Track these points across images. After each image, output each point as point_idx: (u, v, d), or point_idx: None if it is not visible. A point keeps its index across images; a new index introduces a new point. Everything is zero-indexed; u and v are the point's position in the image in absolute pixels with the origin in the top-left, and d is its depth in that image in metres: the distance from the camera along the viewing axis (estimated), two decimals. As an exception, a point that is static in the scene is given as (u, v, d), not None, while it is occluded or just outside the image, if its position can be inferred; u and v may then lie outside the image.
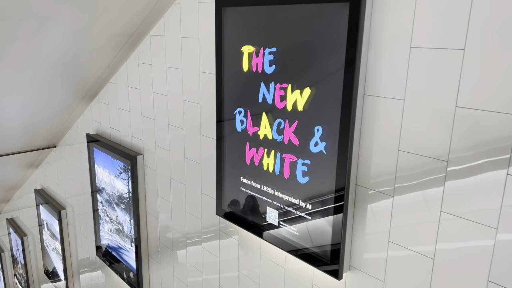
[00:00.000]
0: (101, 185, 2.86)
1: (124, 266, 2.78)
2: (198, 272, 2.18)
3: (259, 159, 1.60)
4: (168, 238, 2.37)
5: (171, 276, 2.41)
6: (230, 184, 1.76)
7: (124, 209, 2.64)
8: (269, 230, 1.62)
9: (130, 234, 2.64)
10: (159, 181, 2.35)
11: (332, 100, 1.29)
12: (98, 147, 2.78)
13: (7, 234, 5.60)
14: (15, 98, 2.54)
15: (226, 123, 1.72)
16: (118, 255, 2.83)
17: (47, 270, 4.41)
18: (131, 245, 2.65)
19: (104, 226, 2.94)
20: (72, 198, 3.52)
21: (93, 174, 2.92)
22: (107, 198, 2.82)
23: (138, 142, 2.46)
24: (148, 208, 2.50)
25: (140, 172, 2.45)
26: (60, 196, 3.77)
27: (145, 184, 2.47)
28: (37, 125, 3.10)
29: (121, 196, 2.63)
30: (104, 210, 2.90)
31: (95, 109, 2.87)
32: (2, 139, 3.14)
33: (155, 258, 2.54)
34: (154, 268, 2.57)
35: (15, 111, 2.72)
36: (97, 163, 2.85)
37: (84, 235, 3.44)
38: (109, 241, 2.92)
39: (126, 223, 2.65)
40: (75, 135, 3.23)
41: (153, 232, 2.51)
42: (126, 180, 2.55)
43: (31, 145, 3.42)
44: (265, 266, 1.75)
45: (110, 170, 2.70)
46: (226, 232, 1.93)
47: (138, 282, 2.64)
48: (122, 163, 2.54)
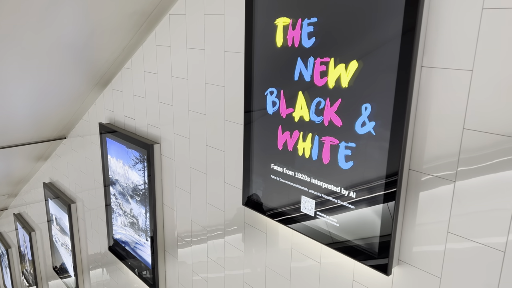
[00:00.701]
0: (114, 176, 2.74)
1: (138, 261, 2.66)
2: (219, 268, 2.05)
3: (293, 143, 1.46)
4: (187, 232, 2.24)
5: (189, 271, 2.28)
6: (259, 172, 1.63)
7: (139, 202, 2.52)
8: (303, 221, 1.48)
9: (145, 228, 2.51)
10: (177, 171, 2.22)
11: (384, 73, 1.15)
12: (111, 136, 2.65)
13: (15, 230, 5.50)
14: (25, 86, 2.42)
15: (256, 106, 1.58)
16: (131, 250, 2.70)
17: (56, 266, 4.31)
18: (146, 239, 2.53)
19: (117, 220, 2.82)
20: (83, 191, 3.40)
21: (106, 166, 2.80)
22: (120, 190, 2.70)
23: (155, 131, 2.33)
24: (165, 200, 2.37)
25: (157, 162, 2.32)
26: (70, 190, 3.65)
27: (162, 174, 2.34)
28: (47, 115, 2.98)
29: (136, 188, 2.51)
30: (117, 203, 2.77)
31: (108, 97, 2.74)
32: (11, 129, 3.02)
33: (171, 252, 2.42)
34: (171, 263, 2.44)
35: (24, 99, 2.60)
36: (110, 154, 2.72)
37: (95, 229, 3.32)
38: (122, 235, 2.80)
39: (141, 216, 2.52)
40: (86, 125, 3.11)
41: (170, 225, 2.38)
42: (141, 171, 2.42)
43: (41, 136, 3.30)
44: (297, 260, 1.62)
45: (124, 161, 2.57)
46: (252, 224, 1.80)
47: (153, 278, 2.51)
48: (138, 153, 2.41)
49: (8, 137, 3.11)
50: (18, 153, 3.60)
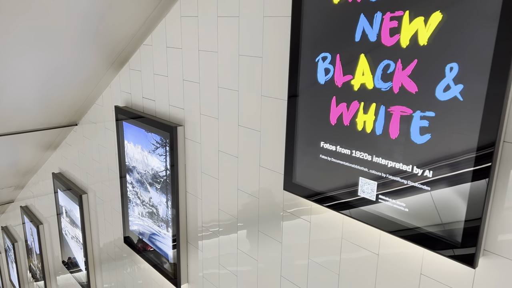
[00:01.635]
0: (131, 164, 2.56)
1: (157, 254, 2.48)
2: (251, 261, 1.86)
3: (350, 117, 1.27)
4: (213, 221, 2.05)
5: (216, 264, 2.10)
6: (305, 152, 1.44)
7: (159, 190, 2.33)
8: (361, 207, 1.29)
9: (166, 218, 2.33)
10: (203, 156, 2.03)
11: (478, 24, 0.95)
12: (128, 120, 2.47)
13: (21, 224, 5.34)
14: (35, 64, 2.23)
15: (303, 76, 1.39)
16: (150, 242, 2.53)
17: (65, 260, 4.14)
18: (167, 230, 2.35)
19: (134, 210, 2.64)
20: (95, 181, 3.22)
21: (122, 152, 2.62)
22: (138, 178, 2.51)
23: (178, 112, 2.15)
24: (189, 188, 2.19)
25: (180, 146, 2.14)
26: (81, 180, 3.47)
27: (186, 159, 2.16)
28: (58, 99, 2.80)
29: (156, 175, 2.32)
30: (134, 192, 2.59)
31: (124, 78, 2.55)
32: (20, 115, 2.84)
33: (195, 244, 2.23)
34: (193, 255, 2.26)
35: (34, 81, 2.41)
36: (127, 139, 2.54)
37: (108, 221, 3.14)
38: (139, 226, 2.62)
39: (162, 206, 2.34)
40: (100, 110, 2.92)
41: (194, 215, 2.19)
42: (163, 156, 2.23)
43: (51, 122, 3.12)
44: (349, 251, 1.43)
45: (143, 146, 2.39)
46: (293, 212, 1.61)
47: (174, 272, 2.33)
48: (159, 137, 2.23)
49: (16, 123, 2.94)
50: (26, 141, 3.42)
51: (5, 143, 3.31)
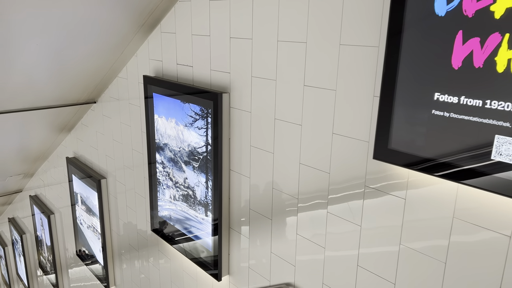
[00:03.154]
0: (162, 141, 2.26)
1: (193, 242, 2.19)
2: (317, 248, 1.57)
3: (486, 55, 0.97)
4: (265, 203, 1.77)
5: (266, 253, 1.81)
6: (409, 109, 1.14)
7: (197, 169, 2.04)
8: (496, 174, 1.00)
9: (205, 201, 2.04)
10: (254, 126, 1.74)
11: None
12: (160, 91, 2.18)
13: (31, 214, 5.07)
14: (50, 26, 1.93)
15: (412, 5, 1.09)
16: (184, 228, 2.24)
17: (80, 251, 3.86)
18: (205, 215, 2.06)
19: (165, 193, 2.35)
20: (116, 163, 2.93)
21: (151, 129, 2.32)
22: (171, 156, 2.22)
23: (222, 78, 1.85)
24: (233, 165, 1.90)
25: (224, 117, 1.84)
26: (99, 164, 3.19)
27: (231, 132, 1.87)
28: (75, 72, 2.50)
29: (194, 152, 2.03)
30: (166, 173, 2.30)
31: (154, 44, 2.25)
32: (31, 90, 2.55)
33: (239, 230, 1.95)
34: (237, 243, 1.97)
35: (48, 48, 2.12)
36: (157, 113, 2.25)
37: (131, 207, 2.86)
38: (171, 212, 2.33)
39: (200, 187, 2.05)
40: (123, 84, 2.63)
41: (238, 196, 1.91)
42: (202, 130, 1.94)
43: (67, 99, 2.83)
44: (463, 233, 1.14)
45: (178, 119, 2.09)
46: (380, 188, 1.32)
47: (215, 262, 2.05)
48: (198, 107, 1.93)
49: (28, 100, 2.64)
50: (38, 122, 3.14)
51: (15, 124, 3.02)
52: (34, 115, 2.93)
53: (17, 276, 6.63)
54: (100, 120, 3.01)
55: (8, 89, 2.38)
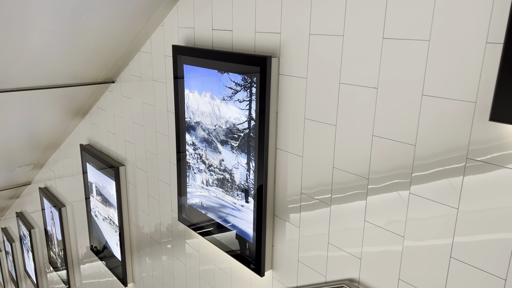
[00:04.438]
0: (193, 119, 2.01)
1: (229, 232, 1.94)
2: (392, 237, 1.32)
3: None
4: (322, 185, 1.51)
5: (323, 244, 1.56)
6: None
7: (236, 148, 1.79)
8: None
9: (246, 185, 1.79)
10: (311, 95, 1.48)
11: None
12: (192, 61, 1.92)
13: (40, 208, 4.85)
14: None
15: None
16: (219, 217, 1.99)
17: (93, 245, 3.63)
18: (246, 201, 1.81)
19: (196, 179, 2.10)
20: (137, 148, 2.69)
21: (181, 106, 2.07)
22: (204, 136, 1.97)
23: (270, 40, 1.60)
24: (281, 142, 1.64)
25: (273, 85, 1.59)
26: (117, 150, 2.94)
27: (279, 104, 1.61)
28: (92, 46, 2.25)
29: (233, 129, 1.78)
30: (197, 155, 2.05)
31: (185, 9, 2.00)
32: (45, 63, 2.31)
33: (285, 218, 1.69)
34: (282, 233, 1.72)
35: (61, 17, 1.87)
36: (188, 88, 1.99)
37: (153, 196, 2.61)
38: (202, 198, 2.08)
39: (240, 169, 1.80)
40: (146, 59, 2.38)
41: (285, 179, 1.65)
42: (244, 103, 1.69)
43: (84, 77, 2.59)
44: None
45: (214, 93, 1.84)
46: (490, 160, 1.06)
47: (257, 255, 1.79)
48: (240, 76, 1.68)
49: (42, 75, 2.40)
50: (50, 104, 2.89)
51: (25, 107, 2.78)
52: (46, 96, 2.69)
53: (25, 272, 6.41)
54: (119, 102, 2.76)
55: (19, 63, 2.13)
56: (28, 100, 2.66)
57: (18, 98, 2.54)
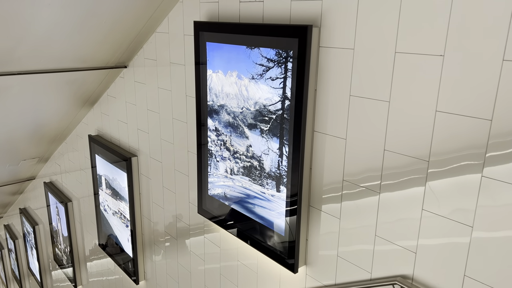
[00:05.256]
0: (217, 102, 1.85)
1: (257, 224, 1.78)
2: (458, 227, 1.15)
3: None
4: (370, 170, 1.34)
5: (369, 237, 1.39)
6: None
7: (267, 132, 1.63)
8: None
9: (277, 172, 1.62)
10: (358, 68, 1.31)
11: None
12: (217, 37, 1.76)
13: (45, 203, 4.69)
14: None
15: None
16: (245, 209, 1.82)
17: (102, 242, 3.47)
18: (277, 190, 1.64)
19: (218, 167, 1.94)
20: (151, 137, 2.52)
21: (202, 88, 1.91)
22: (229, 120, 1.81)
23: (309, 8, 1.43)
24: (319, 124, 1.47)
25: (312, 59, 1.42)
26: (129, 140, 2.78)
27: (318, 79, 1.44)
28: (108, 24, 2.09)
29: (264, 111, 1.62)
30: (221, 142, 1.89)
31: (207, -17, 1.83)
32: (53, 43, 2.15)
33: (323, 208, 1.53)
34: (317, 225, 1.56)
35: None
36: (211, 68, 1.83)
37: (168, 187, 2.45)
38: (226, 189, 1.92)
39: (270, 155, 1.64)
40: (163, 39, 2.21)
41: (322, 165, 1.49)
42: (278, 81, 1.52)
43: (94, 60, 2.42)
44: None
45: (241, 71, 1.68)
46: None
47: (290, 249, 1.63)
48: (273, 51, 1.51)
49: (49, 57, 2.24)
50: (58, 92, 2.73)
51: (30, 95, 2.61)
52: (54, 81, 2.52)
53: (28, 270, 6.26)
54: (131, 88, 2.60)
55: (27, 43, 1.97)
56: (35, 86, 2.50)
57: (24, 82, 2.37)
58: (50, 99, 2.82)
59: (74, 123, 3.43)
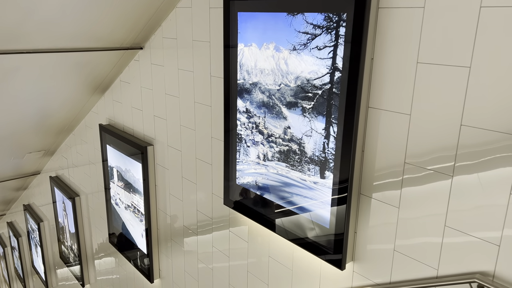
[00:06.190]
0: (249, 80, 1.66)
1: (297, 216, 1.59)
2: (559, 214, 0.96)
3: None
4: (442, 150, 1.15)
5: (438, 228, 1.20)
6: None
7: (311, 111, 1.44)
8: None
9: (321, 156, 1.43)
10: (429, 28, 1.12)
11: None
12: (250, 5, 1.57)
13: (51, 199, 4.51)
14: None
15: None
16: (281, 198, 1.63)
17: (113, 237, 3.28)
18: (321, 176, 1.45)
19: (249, 153, 1.75)
20: (170, 124, 2.33)
21: (232, 65, 1.72)
22: (263, 100, 1.62)
23: (366, -36, 1.24)
24: (375, 99, 1.28)
25: (371, 22, 1.23)
26: (144, 128, 2.59)
27: (376, 46, 1.25)
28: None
29: (307, 86, 1.42)
30: (252, 124, 1.70)
31: None
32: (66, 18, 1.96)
33: (375, 195, 1.34)
34: (366, 216, 1.37)
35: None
36: (243, 41, 1.64)
37: (188, 178, 2.26)
38: (258, 177, 1.73)
39: (314, 137, 1.44)
40: (184, 15, 2.02)
41: (375, 146, 1.30)
42: (327, 49, 1.33)
43: (108, 39, 2.23)
44: None
45: (280, 42, 1.49)
46: None
47: (336, 243, 1.44)
48: (322, 16, 1.32)
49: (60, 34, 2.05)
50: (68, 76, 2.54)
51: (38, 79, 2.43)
52: (65, 63, 2.34)
53: (32, 269, 6.09)
54: (147, 71, 2.41)
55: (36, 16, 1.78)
56: (43, 69, 2.31)
57: (31, 63, 2.19)
58: (59, 85, 2.63)
59: (83, 113, 3.24)
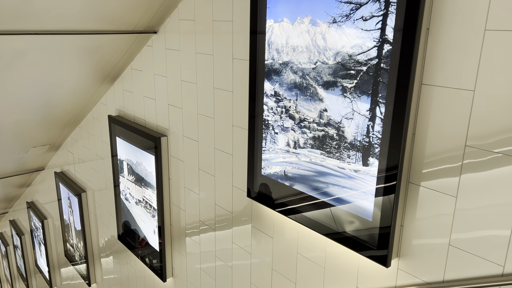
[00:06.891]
0: (279, 59, 1.52)
1: (333, 208, 1.44)
2: None
3: None
4: None
5: (504, 219, 1.06)
6: None
7: (353, 90, 1.29)
8: None
9: (365, 141, 1.29)
10: (505, -10, 0.98)
11: None
12: (283, -23, 1.43)
13: (55, 195, 4.38)
14: None
15: None
16: (314, 189, 1.49)
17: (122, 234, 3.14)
18: (363, 164, 1.31)
19: (277, 141, 1.60)
20: (185, 113, 2.19)
21: (260, 44, 1.57)
22: (295, 80, 1.47)
23: None
24: (429, 74, 1.14)
25: (429, -13, 1.09)
26: (157, 119, 2.45)
27: (433, 14, 1.11)
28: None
29: (348, 63, 1.28)
30: (282, 109, 1.55)
31: None
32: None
33: (428, 184, 1.20)
34: (413, 207, 1.22)
35: None
36: (272, 16, 1.50)
37: (205, 170, 2.12)
38: (287, 166, 1.58)
39: (356, 119, 1.30)
40: (203, -6, 1.88)
41: (429, 128, 1.15)
42: (374, 20, 1.19)
43: (121, 22, 2.09)
44: None
45: (316, 15, 1.34)
46: None
47: (380, 238, 1.29)
48: (369, -19, 1.18)
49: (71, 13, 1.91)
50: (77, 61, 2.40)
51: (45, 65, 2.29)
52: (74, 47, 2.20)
53: (35, 267, 5.95)
54: (162, 57, 2.26)
55: None
56: (51, 54, 2.17)
57: (39, 47, 2.05)
58: (66, 73, 2.49)
59: (90, 104, 3.10)
